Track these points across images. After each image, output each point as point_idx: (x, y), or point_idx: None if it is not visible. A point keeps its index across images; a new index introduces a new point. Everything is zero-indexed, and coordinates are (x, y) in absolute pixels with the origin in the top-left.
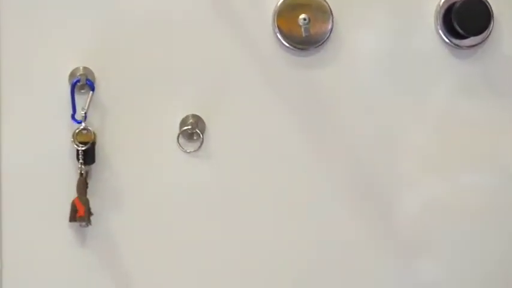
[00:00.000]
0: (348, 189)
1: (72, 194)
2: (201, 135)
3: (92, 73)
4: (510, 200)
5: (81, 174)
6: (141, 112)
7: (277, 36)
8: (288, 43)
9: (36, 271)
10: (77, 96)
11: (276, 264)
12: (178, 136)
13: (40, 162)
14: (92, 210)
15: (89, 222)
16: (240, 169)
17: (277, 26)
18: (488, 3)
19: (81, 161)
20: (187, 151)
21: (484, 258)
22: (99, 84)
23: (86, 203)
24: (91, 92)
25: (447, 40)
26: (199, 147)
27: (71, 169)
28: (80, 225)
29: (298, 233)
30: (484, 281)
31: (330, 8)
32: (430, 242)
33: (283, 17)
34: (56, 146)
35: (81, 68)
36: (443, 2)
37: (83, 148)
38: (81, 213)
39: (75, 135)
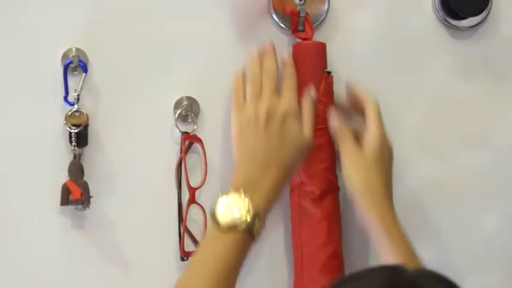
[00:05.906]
0: None
1: (66, 177)
2: (195, 118)
3: (84, 54)
4: (506, 181)
5: (74, 156)
6: (134, 94)
7: (273, 17)
8: (283, 24)
9: (27, 255)
10: (69, 78)
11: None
12: (176, 118)
13: (32, 144)
14: None
15: (87, 205)
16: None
17: (273, 7)
18: None
19: (74, 143)
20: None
21: (480, 238)
22: (92, 65)
23: (85, 186)
24: (84, 73)
25: (445, 21)
26: (194, 129)
27: (63, 152)
28: (76, 209)
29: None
30: (480, 261)
31: None
32: (427, 223)
33: None
34: (48, 129)
35: (73, 49)
36: None
37: (76, 130)
38: (76, 196)
39: (68, 118)
